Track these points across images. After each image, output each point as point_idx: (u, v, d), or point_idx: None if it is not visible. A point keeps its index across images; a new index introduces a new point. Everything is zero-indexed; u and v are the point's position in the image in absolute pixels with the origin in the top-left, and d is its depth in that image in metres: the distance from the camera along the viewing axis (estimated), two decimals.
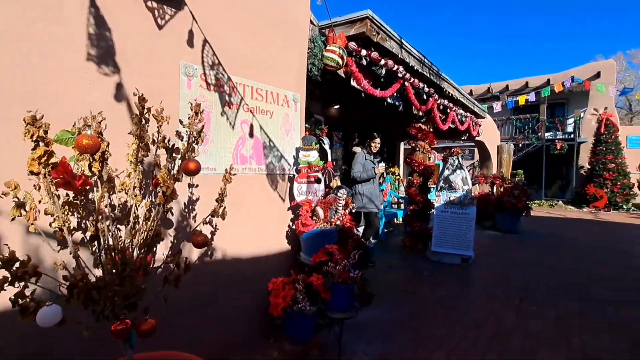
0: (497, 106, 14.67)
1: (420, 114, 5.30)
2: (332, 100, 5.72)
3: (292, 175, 2.78)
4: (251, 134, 2.46)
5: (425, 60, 4.31)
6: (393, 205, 7.99)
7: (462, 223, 4.89)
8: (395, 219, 7.36)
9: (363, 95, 3.94)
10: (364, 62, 3.35)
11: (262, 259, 2.55)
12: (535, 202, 14.38)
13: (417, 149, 5.65)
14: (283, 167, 2.73)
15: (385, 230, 7.34)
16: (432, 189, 6.13)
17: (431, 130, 5.77)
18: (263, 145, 2.54)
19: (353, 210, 2.93)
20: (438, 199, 5.03)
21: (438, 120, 5.36)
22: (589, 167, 14.01)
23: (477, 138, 8.48)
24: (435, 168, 6.52)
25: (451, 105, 5.70)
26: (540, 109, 16.21)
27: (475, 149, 11.56)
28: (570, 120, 15.67)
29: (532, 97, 14.98)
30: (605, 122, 13.57)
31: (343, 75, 3.47)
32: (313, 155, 2.68)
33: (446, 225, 4.95)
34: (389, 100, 4.29)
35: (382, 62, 3.48)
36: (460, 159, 5.17)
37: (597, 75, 14.85)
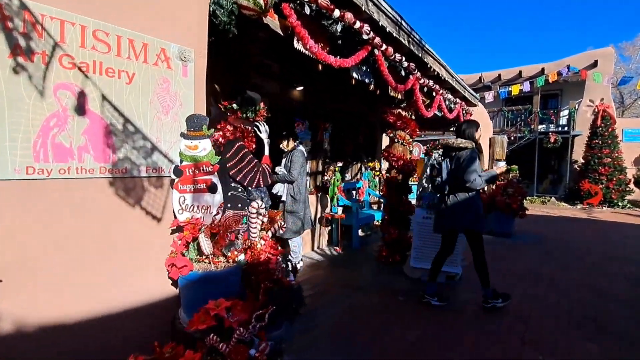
0: (489, 96, 13.75)
1: (399, 96, 4.29)
2: (291, 79, 4.67)
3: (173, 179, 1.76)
4: (81, 109, 1.42)
5: (403, 23, 3.28)
6: (372, 206, 7.02)
7: None
8: (374, 222, 6.39)
9: (320, 67, 2.92)
10: (307, 10, 2.31)
11: (114, 325, 1.52)
12: (527, 198, 13.64)
13: (396, 140, 4.65)
14: (158, 166, 1.70)
15: (362, 234, 6.38)
16: (414, 188, 5.16)
17: (413, 117, 4.77)
18: (109, 128, 1.50)
19: (280, 232, 1.93)
20: (419, 202, 4.06)
21: (421, 106, 4.36)
22: (584, 161, 13.29)
23: None
24: (419, 163, 5.56)
25: (437, 87, 4.70)
26: (533, 100, 15.41)
27: None
28: (565, 112, 14.88)
29: (526, 86, 14.09)
30: (602, 114, 12.79)
31: (281, 32, 2.43)
32: (203, 147, 1.67)
33: (428, 235, 3.99)
34: (355, 74, 3.26)
35: (337, 13, 2.44)
36: None
37: (594, 64, 14.04)
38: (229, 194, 2.68)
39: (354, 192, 6.44)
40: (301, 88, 4.90)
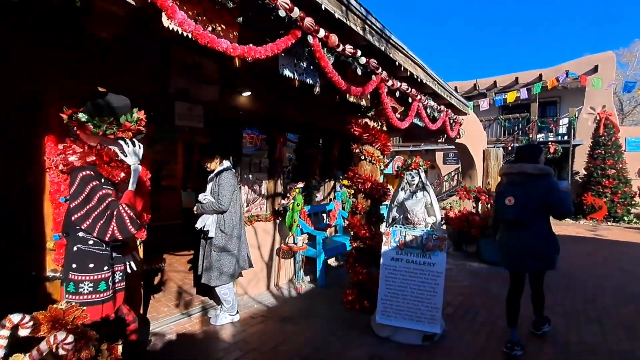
0: (484, 104, 12.88)
1: (364, 103, 3.41)
2: (241, 83, 3.80)
3: None
4: None
5: (353, 2, 2.40)
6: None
7: (424, 280, 3.01)
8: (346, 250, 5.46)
9: (238, 62, 2.06)
10: None
11: None
12: None
13: (363, 157, 3.76)
14: None
15: (336, 263, 5.44)
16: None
17: (384, 129, 3.89)
18: None
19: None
20: (387, 238, 3.14)
21: (390, 114, 3.47)
22: (586, 173, 12.43)
23: (457, 140, 6.66)
24: (394, 183, 4.67)
25: (413, 92, 3.82)
26: (530, 107, 14.63)
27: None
28: (565, 120, 14.07)
29: (523, 93, 13.24)
30: (604, 122, 11.97)
31: (132, 1, 1.54)
32: None
33: (399, 282, 3.07)
34: (286, 71, 2.38)
35: None
36: (423, 175, 3.30)
37: (595, 69, 13.30)
38: (74, 248, 1.78)
39: (324, 216, 5.52)
40: (248, 94, 4.02)
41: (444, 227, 6.44)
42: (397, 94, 3.61)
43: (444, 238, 3.01)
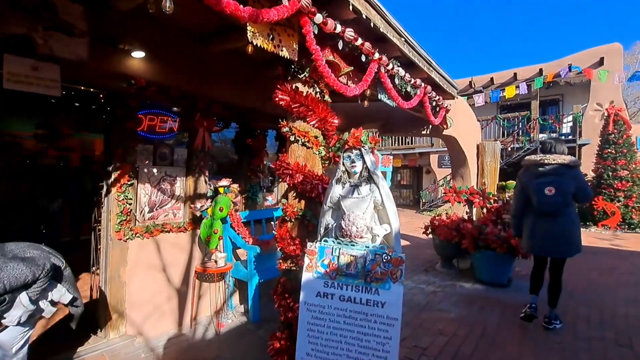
0: (479, 99, 11.88)
1: (285, 53, 2.26)
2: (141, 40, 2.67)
3: None
4: None
5: None
6: None
7: (367, 331, 1.81)
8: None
9: None
10: None
11: None
12: None
13: (294, 137, 2.59)
14: None
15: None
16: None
17: (324, 97, 2.72)
18: None
19: None
20: (311, 260, 1.94)
21: (325, 70, 2.32)
22: (595, 175, 11.22)
23: (445, 132, 5.49)
24: None
25: (368, 46, 2.67)
26: (531, 106, 13.51)
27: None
28: (569, 118, 12.93)
29: (522, 89, 12.21)
30: (614, 119, 10.81)
31: None
32: None
33: (328, 332, 1.86)
34: None
35: None
36: (369, 158, 2.12)
37: (601, 62, 12.22)
38: None
39: (273, 224, 4.33)
40: (142, 55, 2.88)
41: (432, 238, 5.24)
42: (341, 44, 2.46)
43: (399, 260, 1.82)
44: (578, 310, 3.65)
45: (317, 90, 2.60)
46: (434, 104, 4.36)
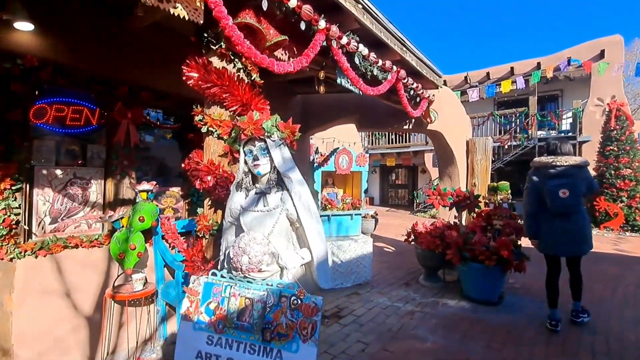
0: (473, 94, 11.31)
1: (182, 12, 1.65)
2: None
3: None
4: None
5: None
6: None
7: None
8: None
9: None
10: None
11: None
12: None
13: (208, 128, 1.97)
14: None
15: None
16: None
17: (252, 76, 2.11)
18: None
19: None
20: (191, 304, 1.33)
21: (236, 38, 1.70)
22: (596, 173, 10.62)
23: (429, 127, 4.89)
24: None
25: (309, 11, 2.06)
26: (529, 102, 12.87)
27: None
28: (568, 114, 12.32)
29: (520, 83, 11.60)
30: (616, 114, 10.20)
31: None
32: None
33: None
34: None
35: None
36: (278, 153, 1.51)
37: (601, 55, 11.61)
38: None
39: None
40: (31, 27, 2.27)
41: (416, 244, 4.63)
42: (265, 4, 1.85)
43: (313, 308, 1.21)
44: (581, 337, 3.05)
45: (239, 66, 1.99)
46: (411, 92, 3.75)
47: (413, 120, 4.93)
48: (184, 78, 1.90)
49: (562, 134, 12.06)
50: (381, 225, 9.77)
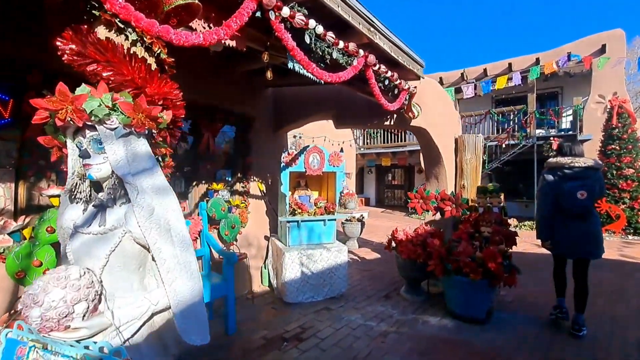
0: (468, 90, 10.85)
1: None
2: None
3: None
4: None
5: None
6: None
7: None
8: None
9: None
10: None
11: None
12: (526, 224, 10.46)
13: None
14: None
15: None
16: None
17: (159, 54, 1.66)
18: None
19: None
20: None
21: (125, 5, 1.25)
22: None
23: (412, 122, 4.44)
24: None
25: None
26: (528, 99, 12.38)
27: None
28: (569, 111, 11.86)
29: (516, 79, 11.15)
30: (618, 111, 9.73)
31: None
32: None
33: None
34: None
35: None
36: (116, 145, 1.05)
37: (602, 50, 11.14)
38: None
39: None
40: None
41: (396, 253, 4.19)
42: None
43: None
44: (576, 347, 2.60)
45: (134, 38, 1.54)
46: (386, 82, 3.30)
47: (395, 116, 4.48)
48: (58, 53, 1.46)
49: (562, 133, 11.59)
50: (371, 228, 9.33)
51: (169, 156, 1.76)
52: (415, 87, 4.01)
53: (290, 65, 2.34)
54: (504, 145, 12.06)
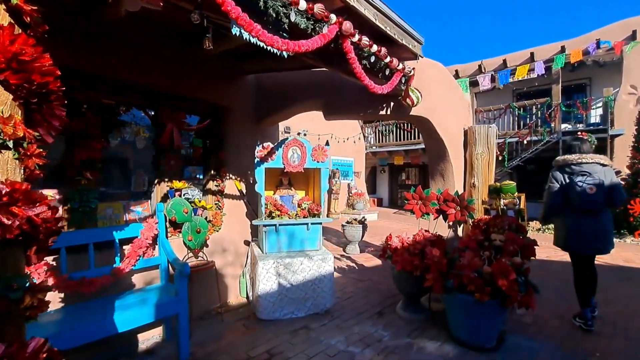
0: (484, 81, 10.07)
1: None
2: None
3: None
4: None
5: None
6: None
7: None
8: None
9: None
10: None
11: None
12: (550, 227, 9.58)
13: None
14: None
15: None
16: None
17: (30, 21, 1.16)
18: None
19: None
20: None
21: None
22: (630, 171, 9.23)
23: (412, 111, 3.84)
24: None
25: None
26: (552, 91, 11.42)
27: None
28: (598, 104, 10.86)
29: (539, 68, 10.30)
30: None
31: None
32: None
33: None
34: None
35: None
36: None
37: (633, 36, 10.12)
38: None
39: (116, 250, 2.81)
40: None
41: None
42: None
43: None
44: None
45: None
46: (372, 59, 2.73)
47: (391, 104, 3.89)
48: None
49: (592, 127, 10.60)
50: (379, 230, 8.71)
51: (32, 141, 1.27)
52: (413, 68, 3.42)
53: (233, 30, 1.82)
54: (525, 142, 11.18)
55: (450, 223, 3.84)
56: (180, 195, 3.18)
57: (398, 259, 3.23)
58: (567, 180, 3.07)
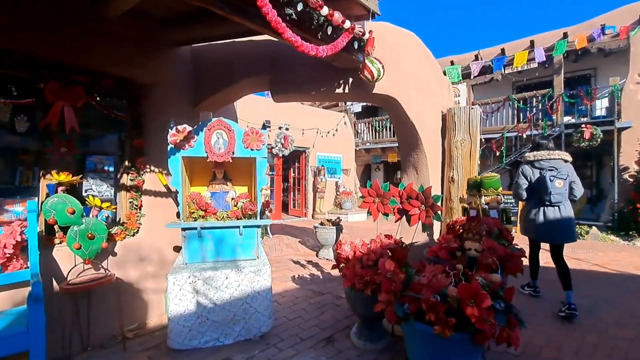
0: (475, 67, 9.33)
1: None
2: None
3: None
4: None
5: None
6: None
7: None
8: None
9: None
10: None
11: None
12: None
13: None
14: None
15: None
16: None
17: None
18: None
19: None
20: None
21: None
22: (639, 167, 8.50)
23: (376, 89, 3.13)
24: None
25: None
26: (554, 82, 10.62)
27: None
28: (604, 93, 10.06)
29: (539, 55, 9.56)
30: None
31: None
32: None
33: None
34: None
35: None
36: None
37: (639, 21, 9.31)
38: None
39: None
40: None
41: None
42: None
43: None
44: None
45: None
46: (300, 7, 2.02)
47: (350, 80, 3.17)
48: None
49: (597, 120, 9.81)
50: (362, 232, 7.98)
51: None
52: (370, 31, 2.70)
53: None
54: (524, 136, 10.42)
55: (417, 226, 3.12)
56: (62, 191, 2.48)
57: (347, 272, 2.53)
58: (537, 175, 3.31)
